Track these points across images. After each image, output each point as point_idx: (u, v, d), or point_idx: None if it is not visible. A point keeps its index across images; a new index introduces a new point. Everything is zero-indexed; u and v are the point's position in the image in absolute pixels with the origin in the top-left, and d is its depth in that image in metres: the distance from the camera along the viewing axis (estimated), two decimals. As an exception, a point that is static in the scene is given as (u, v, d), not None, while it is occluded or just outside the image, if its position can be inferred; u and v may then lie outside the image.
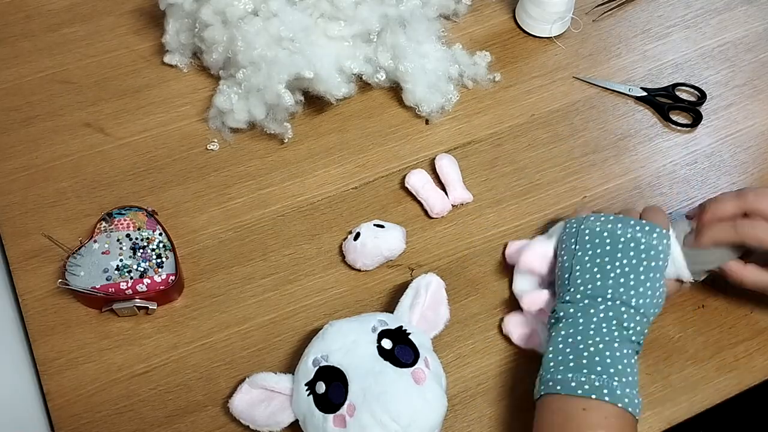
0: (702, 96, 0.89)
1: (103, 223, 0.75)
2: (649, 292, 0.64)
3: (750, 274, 0.66)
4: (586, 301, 0.65)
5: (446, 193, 0.80)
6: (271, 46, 0.81)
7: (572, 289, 0.66)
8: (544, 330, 0.69)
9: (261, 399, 0.66)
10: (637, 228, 0.67)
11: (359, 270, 0.76)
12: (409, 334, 0.66)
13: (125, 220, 0.76)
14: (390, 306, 0.72)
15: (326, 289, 0.76)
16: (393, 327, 0.66)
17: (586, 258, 0.67)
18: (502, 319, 0.73)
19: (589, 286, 0.65)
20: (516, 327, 0.72)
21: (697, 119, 0.88)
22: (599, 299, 0.64)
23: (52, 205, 0.80)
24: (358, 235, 0.75)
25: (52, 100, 0.88)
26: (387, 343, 0.65)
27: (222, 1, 0.82)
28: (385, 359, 0.63)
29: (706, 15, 0.98)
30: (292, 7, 0.84)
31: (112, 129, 0.86)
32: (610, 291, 0.64)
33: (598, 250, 0.67)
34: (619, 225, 0.67)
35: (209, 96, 0.88)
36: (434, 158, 0.83)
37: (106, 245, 0.74)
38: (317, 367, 0.64)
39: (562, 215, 0.80)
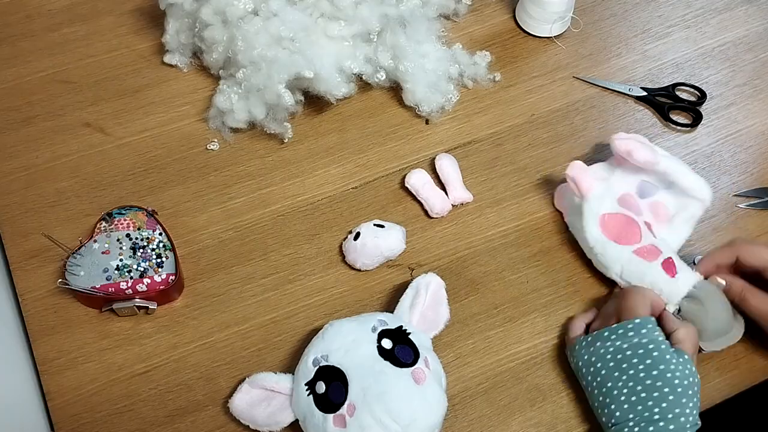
0: (702, 96, 0.89)
1: (103, 223, 0.75)
2: (667, 391, 0.60)
3: (754, 299, 0.66)
4: None
5: (446, 193, 0.80)
6: (271, 46, 0.81)
7: (604, 427, 0.64)
8: (570, 201, 0.77)
9: (261, 399, 0.66)
10: (614, 336, 0.64)
11: (359, 270, 0.76)
12: (409, 333, 0.66)
13: (125, 220, 0.76)
14: (390, 306, 0.73)
15: (326, 288, 0.76)
16: (393, 327, 0.66)
17: (596, 392, 0.64)
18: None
19: (613, 421, 0.62)
20: (559, 193, 0.80)
21: (697, 119, 0.88)
22: (626, 429, 0.61)
23: (52, 205, 0.80)
24: (358, 234, 0.75)
25: (52, 100, 0.88)
26: (387, 343, 0.65)
27: (222, 1, 0.82)
28: (385, 359, 0.63)
29: (706, 15, 0.98)
30: (292, 7, 0.84)
31: (112, 129, 0.86)
32: (630, 415, 0.61)
33: (599, 379, 0.64)
34: (598, 343, 0.65)
35: (209, 96, 0.88)
36: (434, 158, 0.83)
37: (106, 245, 0.74)
38: (317, 367, 0.64)
39: (562, 215, 0.80)
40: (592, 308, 0.73)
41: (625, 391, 0.62)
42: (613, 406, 0.62)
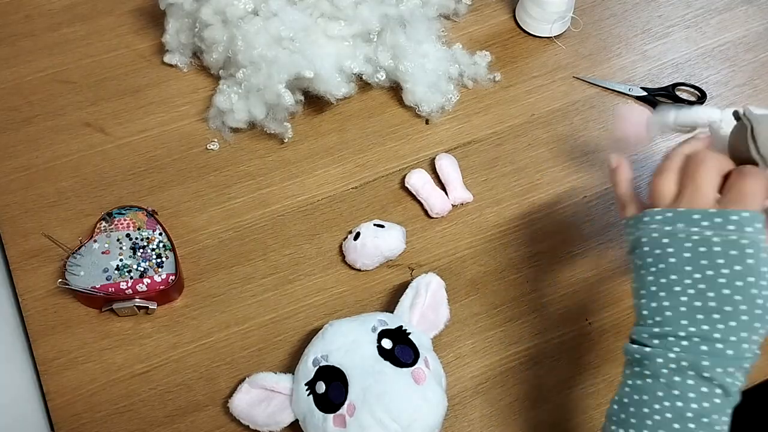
0: (702, 96, 0.89)
1: (103, 223, 0.75)
2: (743, 309, 0.48)
3: None
4: (656, 342, 0.50)
5: (446, 193, 0.80)
6: (271, 46, 0.81)
7: (642, 323, 0.52)
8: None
9: (261, 399, 0.66)
10: (706, 224, 0.49)
11: (359, 270, 0.76)
12: (409, 333, 0.66)
13: (125, 220, 0.76)
14: (390, 306, 0.72)
15: (326, 288, 0.76)
16: (393, 327, 0.66)
17: (650, 278, 0.52)
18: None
19: (658, 319, 0.51)
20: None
21: (697, 119, 0.88)
22: (671, 338, 0.50)
23: (52, 205, 0.80)
24: (358, 234, 0.75)
25: (52, 100, 0.88)
26: (387, 343, 0.65)
27: (222, 1, 0.82)
28: (385, 359, 0.63)
29: (706, 15, 0.98)
30: (292, 7, 0.84)
31: (112, 129, 0.86)
32: (683, 322, 0.49)
33: (662, 265, 0.51)
34: (681, 225, 0.51)
35: (209, 96, 0.88)
36: (434, 158, 0.83)
37: (106, 245, 0.74)
38: (317, 367, 0.64)
39: (562, 215, 0.80)
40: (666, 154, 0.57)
41: (691, 292, 0.49)
42: (666, 304, 0.50)
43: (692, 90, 0.90)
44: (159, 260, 0.73)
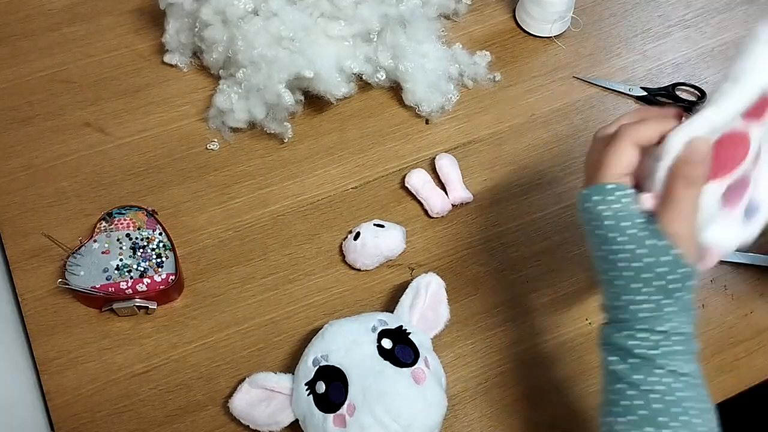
0: (702, 96, 0.89)
1: (103, 223, 0.75)
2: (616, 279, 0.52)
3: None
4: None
5: (446, 193, 0.80)
6: (271, 46, 0.81)
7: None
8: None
9: (261, 399, 0.66)
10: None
11: (359, 270, 0.76)
12: (409, 333, 0.66)
13: (125, 220, 0.76)
14: (390, 306, 0.73)
15: (326, 288, 0.76)
16: (393, 327, 0.66)
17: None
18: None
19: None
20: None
21: (697, 119, 0.88)
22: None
23: (52, 205, 0.80)
24: (358, 234, 0.75)
25: (52, 100, 0.88)
26: (387, 343, 0.65)
27: (222, 1, 0.82)
28: (385, 359, 0.63)
29: (706, 15, 0.98)
30: (292, 7, 0.84)
31: (112, 129, 0.86)
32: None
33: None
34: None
35: (209, 96, 0.88)
36: (434, 158, 0.83)
37: (106, 245, 0.74)
38: (317, 367, 0.64)
39: (562, 215, 0.80)
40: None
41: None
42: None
43: (692, 90, 0.90)
44: (159, 260, 0.73)
